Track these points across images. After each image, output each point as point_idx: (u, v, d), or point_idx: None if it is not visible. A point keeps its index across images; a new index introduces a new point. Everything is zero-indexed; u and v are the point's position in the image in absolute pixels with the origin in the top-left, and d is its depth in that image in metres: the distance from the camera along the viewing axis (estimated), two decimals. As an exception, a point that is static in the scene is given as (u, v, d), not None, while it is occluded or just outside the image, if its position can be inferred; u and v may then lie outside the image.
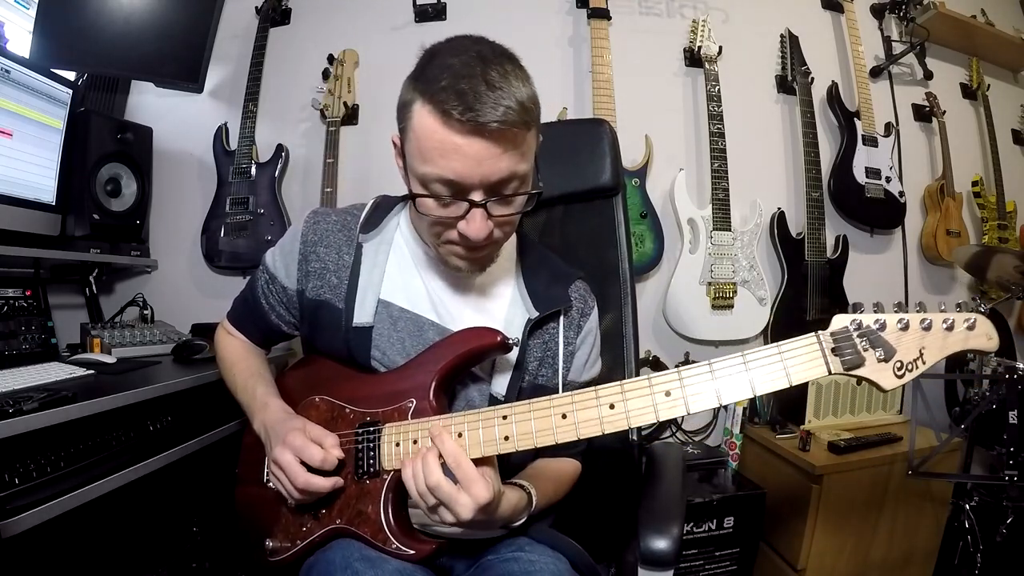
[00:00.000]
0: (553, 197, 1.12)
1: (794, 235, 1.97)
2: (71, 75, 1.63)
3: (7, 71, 1.32)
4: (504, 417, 0.67)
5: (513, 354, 0.79)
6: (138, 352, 1.42)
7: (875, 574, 1.63)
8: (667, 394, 0.62)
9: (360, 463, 0.73)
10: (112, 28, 1.70)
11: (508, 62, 0.67)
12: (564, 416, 0.65)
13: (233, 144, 1.84)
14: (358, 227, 0.85)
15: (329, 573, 0.65)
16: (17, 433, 0.82)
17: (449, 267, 0.79)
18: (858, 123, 2.03)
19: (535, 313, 0.81)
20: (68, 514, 0.89)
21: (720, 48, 1.95)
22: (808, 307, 1.92)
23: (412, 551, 0.68)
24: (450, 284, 0.84)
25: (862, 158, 2.01)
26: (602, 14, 1.90)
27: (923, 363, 0.59)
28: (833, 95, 2.06)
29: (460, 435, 0.68)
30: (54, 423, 0.87)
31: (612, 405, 0.64)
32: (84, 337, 1.44)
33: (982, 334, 0.59)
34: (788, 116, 2.09)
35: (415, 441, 0.70)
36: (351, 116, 1.89)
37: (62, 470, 0.91)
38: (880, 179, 2.03)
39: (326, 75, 1.88)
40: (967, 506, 1.52)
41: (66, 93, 1.49)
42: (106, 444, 1.00)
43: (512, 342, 0.75)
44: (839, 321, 0.61)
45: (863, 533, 1.61)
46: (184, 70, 1.86)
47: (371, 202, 0.89)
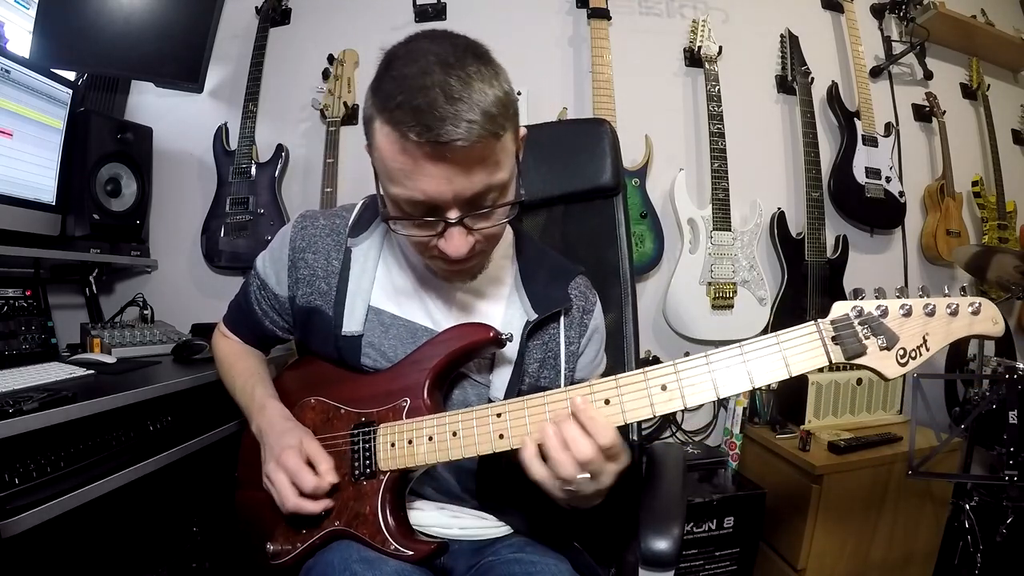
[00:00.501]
0: (553, 197, 1.12)
1: (794, 235, 1.97)
2: (71, 75, 1.63)
3: (7, 71, 1.32)
4: (498, 415, 0.66)
5: (511, 355, 0.78)
6: (138, 352, 1.42)
7: (875, 574, 1.63)
8: (663, 388, 0.61)
9: (356, 464, 0.73)
10: (112, 28, 1.70)
11: (472, 61, 0.60)
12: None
13: (233, 144, 1.84)
14: (347, 231, 0.82)
15: (328, 575, 0.65)
16: (17, 433, 0.82)
17: (438, 278, 0.78)
18: (858, 123, 2.03)
19: (533, 315, 0.78)
20: (68, 514, 0.89)
21: (720, 48, 1.95)
22: (808, 307, 1.92)
23: (411, 552, 0.68)
24: (443, 287, 0.81)
25: (862, 158, 2.01)
26: (602, 14, 1.90)
27: (927, 350, 0.57)
28: (833, 95, 2.06)
29: (455, 433, 0.67)
30: (54, 423, 0.87)
31: (607, 400, 0.63)
32: (84, 337, 1.44)
33: (987, 318, 0.57)
34: (788, 116, 2.08)
35: (410, 441, 0.70)
36: (351, 116, 1.88)
37: (62, 470, 0.90)
38: (880, 179, 2.02)
39: (326, 75, 1.88)
40: (967, 506, 1.52)
41: (66, 93, 1.49)
42: (106, 444, 1.00)
43: (505, 337, 0.74)
44: (840, 308, 0.59)
45: (863, 533, 1.61)
46: (184, 70, 1.86)
47: (360, 203, 0.86)
